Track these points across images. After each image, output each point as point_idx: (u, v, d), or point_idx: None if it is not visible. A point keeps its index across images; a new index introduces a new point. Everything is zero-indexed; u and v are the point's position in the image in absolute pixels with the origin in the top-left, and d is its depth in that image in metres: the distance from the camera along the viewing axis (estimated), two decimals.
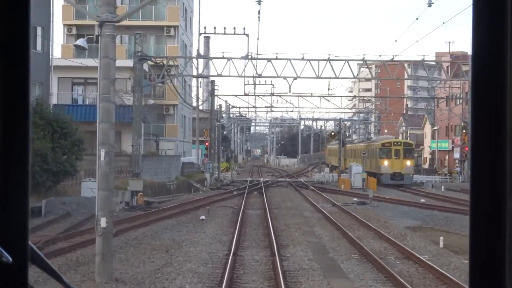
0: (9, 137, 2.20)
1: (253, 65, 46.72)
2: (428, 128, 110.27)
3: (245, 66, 46.81)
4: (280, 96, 76.77)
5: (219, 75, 46.47)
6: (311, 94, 60.83)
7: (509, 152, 2.15)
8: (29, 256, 2.23)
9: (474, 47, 2.17)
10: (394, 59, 46.77)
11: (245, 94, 75.72)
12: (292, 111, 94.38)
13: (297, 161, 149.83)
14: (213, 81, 77.78)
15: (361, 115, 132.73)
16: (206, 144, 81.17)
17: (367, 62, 46.85)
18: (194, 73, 79.16)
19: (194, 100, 74.02)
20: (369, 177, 66.82)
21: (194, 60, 61.11)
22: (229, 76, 46.90)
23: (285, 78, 47.00)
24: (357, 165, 70.90)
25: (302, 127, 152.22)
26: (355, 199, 51.33)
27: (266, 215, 37.48)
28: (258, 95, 76.94)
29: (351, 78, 46.19)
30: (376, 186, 66.78)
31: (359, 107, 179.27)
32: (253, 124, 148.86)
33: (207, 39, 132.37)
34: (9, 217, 2.20)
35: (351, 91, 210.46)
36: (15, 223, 2.21)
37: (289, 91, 48.93)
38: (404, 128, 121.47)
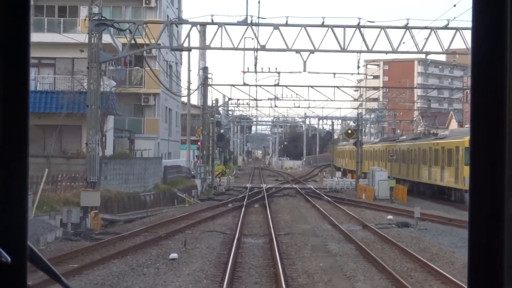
0: (8, 138, 2.19)
1: (254, 34, 33.86)
2: (454, 127, 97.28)
3: (243, 34, 33.99)
4: (286, 86, 63.91)
5: (207, 47, 33.59)
6: (334, 74, 47.60)
7: (509, 152, 2.15)
8: (28, 256, 2.22)
9: (474, 48, 2.18)
10: (449, 25, 33.76)
11: (245, 84, 63.04)
12: (299, 106, 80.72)
13: (302, 163, 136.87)
14: (206, 68, 64.87)
15: (371, 114, 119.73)
16: (199, 143, 68.32)
17: (411, 29, 33.84)
18: (185, 57, 66.45)
19: (183, 89, 60.88)
20: (397, 185, 53.96)
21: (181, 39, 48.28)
22: (221, 48, 33.98)
23: (298, 51, 34.01)
24: (381, 169, 57.93)
25: (307, 125, 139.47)
26: (389, 216, 38.39)
27: (273, 249, 24.58)
28: (260, 86, 64.10)
29: (388, 52, 33.04)
30: (406, 196, 54.02)
31: (366, 105, 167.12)
32: (254, 121, 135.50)
33: (203, 28, 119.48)
34: (8, 217, 2.19)
35: (357, 90, 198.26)
36: (14, 223, 2.20)
37: (304, 70, 35.89)
38: (424, 127, 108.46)
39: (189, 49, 41.28)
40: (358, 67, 36.83)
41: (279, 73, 48.82)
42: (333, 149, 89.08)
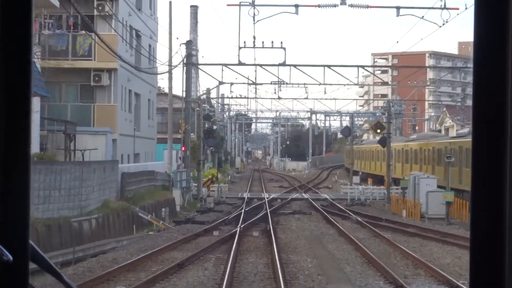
0: (10, 137, 2.18)
1: None
2: None
3: None
4: (295, 66, 48.60)
5: None
6: (397, 8, 31.37)
7: (510, 152, 2.16)
8: (29, 254, 2.22)
9: (476, 47, 2.19)
10: None
11: (240, 63, 47.90)
12: (307, 97, 65.37)
13: (308, 165, 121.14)
14: (189, 42, 49.38)
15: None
16: (183, 149, 52.70)
17: None
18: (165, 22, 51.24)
19: (159, 64, 45.32)
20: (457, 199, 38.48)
21: None
22: None
23: None
24: (428, 176, 42.50)
25: (313, 122, 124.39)
26: None
27: None
28: (261, 65, 48.78)
29: None
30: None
31: (373, 104, 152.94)
32: (253, 118, 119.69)
33: (194, 9, 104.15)
34: (10, 216, 2.19)
35: (362, 87, 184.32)
36: (16, 223, 2.20)
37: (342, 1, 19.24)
38: (450, 122, 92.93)
39: None
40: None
41: (296, 6, 32.39)
42: (350, 149, 72.90)
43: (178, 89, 63.12)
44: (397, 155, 57.84)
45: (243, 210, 39.64)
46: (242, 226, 31.83)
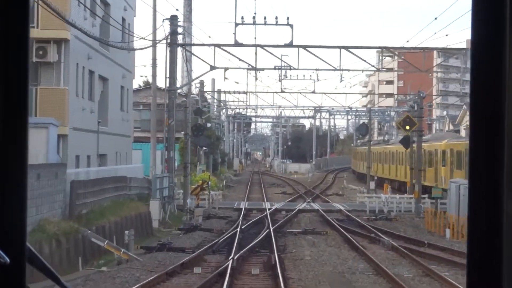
0: (7, 138, 2.17)
1: None
2: None
3: None
4: (304, 48, 39.64)
5: None
6: None
7: (507, 152, 2.15)
8: (27, 257, 2.20)
9: (474, 45, 2.17)
10: None
11: (237, 44, 39.13)
12: (313, 91, 56.22)
13: (311, 167, 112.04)
14: (174, 17, 40.06)
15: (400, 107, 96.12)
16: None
17: None
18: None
19: (136, 39, 36.15)
20: None
21: None
22: None
23: None
24: None
25: (312, 124, 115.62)
26: None
27: None
28: (262, 46, 39.77)
29: None
30: None
31: (378, 101, 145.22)
32: (253, 116, 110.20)
33: None
34: (7, 218, 2.17)
35: (366, 86, 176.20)
36: (13, 224, 2.18)
37: None
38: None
39: None
40: None
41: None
42: (367, 149, 63.19)
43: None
44: (453, 157, 44.27)
45: (238, 229, 30.47)
46: (235, 255, 22.59)
